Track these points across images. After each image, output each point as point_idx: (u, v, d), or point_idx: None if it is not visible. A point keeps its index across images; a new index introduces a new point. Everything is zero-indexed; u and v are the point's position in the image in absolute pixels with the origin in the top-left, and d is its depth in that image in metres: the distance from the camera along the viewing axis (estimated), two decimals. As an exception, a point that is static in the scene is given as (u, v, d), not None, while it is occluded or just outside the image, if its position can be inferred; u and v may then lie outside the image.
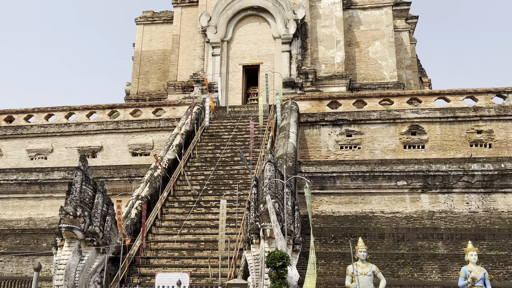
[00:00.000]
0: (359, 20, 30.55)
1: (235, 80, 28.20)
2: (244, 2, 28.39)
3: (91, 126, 24.46)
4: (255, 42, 28.44)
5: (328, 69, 28.83)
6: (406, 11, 33.43)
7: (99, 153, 24.16)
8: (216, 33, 28.32)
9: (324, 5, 30.01)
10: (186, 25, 31.98)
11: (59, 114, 25.47)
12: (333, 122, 22.17)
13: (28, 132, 24.88)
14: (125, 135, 24.21)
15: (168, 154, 20.55)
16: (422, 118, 21.48)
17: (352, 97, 23.52)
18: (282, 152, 18.92)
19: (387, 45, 29.58)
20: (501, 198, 17.91)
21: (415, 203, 18.33)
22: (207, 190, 18.63)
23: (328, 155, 21.90)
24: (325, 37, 29.42)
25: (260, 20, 28.64)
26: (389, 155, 21.23)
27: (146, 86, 33.22)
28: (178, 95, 29.93)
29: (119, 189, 20.45)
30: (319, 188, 18.90)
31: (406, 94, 22.89)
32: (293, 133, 20.57)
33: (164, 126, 23.96)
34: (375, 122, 21.90)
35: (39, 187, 21.41)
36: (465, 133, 21.06)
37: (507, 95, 21.53)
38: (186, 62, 31.11)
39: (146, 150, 23.79)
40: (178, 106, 25.20)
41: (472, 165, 18.03)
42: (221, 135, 22.88)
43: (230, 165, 20.25)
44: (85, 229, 12.96)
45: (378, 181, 18.55)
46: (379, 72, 29.39)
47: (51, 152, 24.54)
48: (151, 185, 18.41)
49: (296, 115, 22.16)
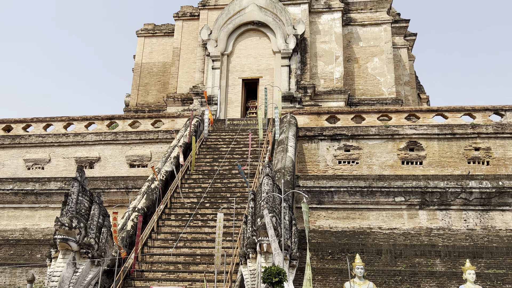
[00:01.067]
0: (358, 36, 30.88)
1: (234, 93, 28.33)
2: (245, 16, 28.70)
3: (89, 137, 24.44)
4: (255, 56, 28.66)
5: (327, 84, 29.01)
6: (404, 28, 33.82)
7: (96, 164, 24.08)
8: (217, 47, 28.56)
9: (323, 21, 30.35)
10: (186, 38, 32.25)
11: (57, 124, 25.46)
12: (331, 137, 22.21)
13: (26, 141, 24.82)
14: (123, 146, 24.18)
15: (166, 166, 20.50)
16: (420, 134, 21.54)
17: (350, 112, 23.62)
18: (280, 166, 18.90)
19: (385, 62, 29.84)
20: (499, 216, 17.86)
21: (413, 219, 18.26)
22: (204, 203, 18.54)
23: (326, 170, 21.89)
24: (324, 52, 29.68)
25: (260, 34, 28.92)
26: (387, 171, 21.22)
27: (145, 97, 33.32)
28: (177, 107, 30.00)
29: (116, 201, 20.34)
30: (316, 203, 18.83)
31: (404, 110, 23.01)
32: (292, 147, 20.59)
33: (163, 138, 23.95)
34: (373, 138, 21.96)
35: (35, 197, 21.27)
36: (463, 150, 21.11)
37: (505, 113, 21.65)
38: (186, 74, 31.28)
39: (144, 161, 23.74)
40: (177, 118, 25.24)
41: (470, 182, 18.03)
42: (219, 148, 22.88)
43: (228, 178, 20.19)
44: (80, 240, 12.84)
45: (376, 196, 18.50)
46: (378, 88, 29.58)
47: (49, 162, 24.46)
48: (148, 197, 18.31)
49: (294, 129, 22.22)
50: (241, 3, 29.04)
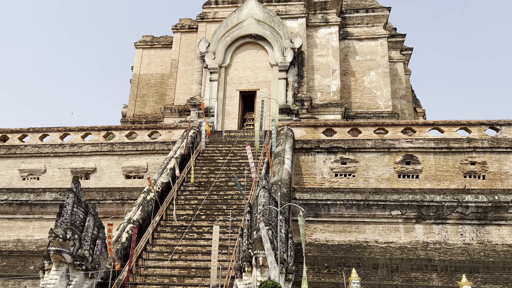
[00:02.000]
0: (355, 50, 31.19)
1: (231, 105, 28.42)
2: (243, 30, 28.96)
3: (86, 148, 24.37)
4: (253, 69, 28.86)
5: (323, 97, 29.19)
6: (401, 43, 34.23)
7: (92, 175, 23.96)
8: (214, 59, 28.74)
9: (321, 35, 30.68)
10: (184, 50, 32.46)
11: (54, 134, 25.39)
12: (328, 150, 22.25)
13: (21, 151, 24.71)
14: (120, 157, 24.10)
15: (162, 178, 20.41)
16: (417, 148, 21.62)
17: (347, 125, 23.72)
18: (276, 178, 18.87)
19: (382, 75, 30.11)
20: (495, 230, 17.85)
21: (409, 233, 18.21)
22: (200, 215, 18.43)
23: (323, 182, 21.87)
24: (321, 65, 29.93)
25: (258, 47, 29.15)
26: (384, 184, 21.23)
27: (143, 109, 33.36)
28: (174, 118, 30.05)
29: (111, 212, 20.20)
30: (313, 216, 18.76)
31: (400, 123, 23.13)
32: (288, 159, 20.59)
33: (159, 149, 23.91)
34: (369, 151, 22.01)
35: (29, 208, 21.09)
36: (459, 164, 21.19)
37: (500, 128, 21.81)
38: (183, 86, 31.40)
39: (140, 173, 23.65)
40: (174, 129, 25.24)
41: (466, 196, 18.05)
42: (216, 160, 22.84)
43: (224, 190, 20.13)
44: (74, 252, 12.71)
45: (373, 210, 18.47)
46: (374, 101, 29.78)
47: (44, 172, 24.32)
48: (143, 209, 18.19)
49: (291, 141, 22.25)
50: (239, 16, 29.34)
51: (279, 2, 31.02)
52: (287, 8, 30.74)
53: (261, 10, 29.33)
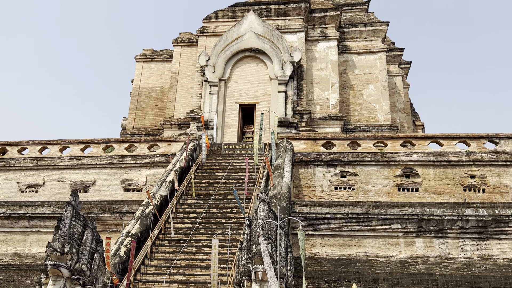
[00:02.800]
0: (353, 64, 31.43)
1: (231, 118, 28.51)
2: (243, 44, 29.22)
3: (85, 160, 24.33)
4: (252, 82, 29.03)
5: (323, 110, 29.30)
6: (399, 57, 34.52)
7: (91, 188, 23.88)
8: (214, 73, 28.93)
9: (320, 48, 30.95)
10: (185, 63, 32.69)
11: (53, 147, 25.37)
12: (327, 163, 22.23)
13: (20, 164, 24.66)
14: (119, 170, 24.05)
15: (161, 191, 20.34)
16: (416, 161, 21.62)
17: (346, 138, 23.75)
18: (276, 191, 18.81)
19: (381, 89, 30.27)
20: (496, 244, 17.73)
21: (410, 247, 18.09)
22: (199, 229, 18.31)
23: (323, 196, 21.80)
24: (320, 79, 30.12)
25: (258, 61, 29.38)
26: (383, 198, 21.16)
27: (142, 121, 33.44)
28: (174, 131, 30.10)
29: (110, 225, 20.06)
30: (313, 229, 18.65)
31: (399, 137, 23.17)
32: (288, 172, 20.55)
33: (159, 162, 23.88)
34: (369, 164, 22.00)
35: (27, 221, 20.94)
36: (458, 177, 21.16)
37: (499, 141, 21.85)
38: (183, 99, 31.54)
39: (139, 185, 23.57)
40: (174, 142, 25.25)
41: (466, 210, 17.98)
42: (215, 172, 22.80)
43: (223, 203, 20.04)
44: (72, 266, 12.58)
45: (373, 223, 18.37)
46: (373, 114, 29.88)
47: (43, 185, 24.23)
48: (142, 222, 18.08)
49: (291, 154, 22.24)
50: (239, 30, 29.63)
51: (279, 16, 31.38)
52: (286, 23, 31.08)
53: (261, 24, 29.64)
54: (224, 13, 32.02)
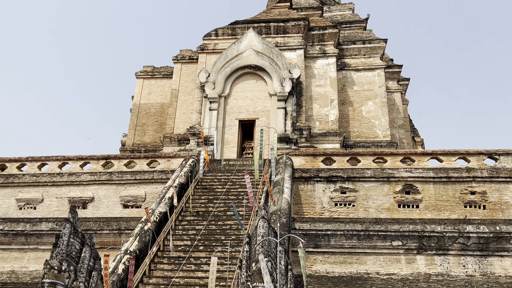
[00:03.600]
0: (352, 80, 31.68)
1: (231, 134, 28.57)
2: (242, 60, 29.50)
3: (84, 177, 24.26)
4: (252, 99, 29.19)
5: (322, 126, 29.39)
6: (397, 73, 34.81)
7: (90, 204, 23.75)
8: (214, 89, 29.12)
9: (318, 65, 31.24)
10: (185, 80, 32.94)
11: (52, 163, 25.33)
12: (327, 179, 22.18)
13: (19, 181, 24.58)
14: (118, 187, 23.97)
15: (160, 207, 20.23)
16: (416, 178, 21.58)
17: (346, 154, 23.75)
18: (276, 208, 18.71)
19: (379, 105, 30.43)
20: (498, 261, 17.56)
21: (411, 264, 17.90)
22: (198, 246, 18.15)
23: (323, 212, 21.68)
24: (319, 95, 30.30)
25: (257, 78, 29.61)
26: (384, 214, 21.05)
27: (142, 137, 33.50)
28: (173, 147, 30.11)
29: (108, 242, 19.89)
30: (313, 247, 18.48)
31: (399, 153, 23.17)
32: (288, 189, 20.48)
33: (158, 178, 23.83)
34: (369, 180, 21.95)
35: (25, 239, 20.75)
36: (458, 193, 21.09)
37: (499, 157, 21.85)
38: (183, 115, 31.67)
39: (138, 202, 23.46)
40: (173, 158, 25.24)
41: (467, 227, 17.87)
42: (214, 189, 22.72)
43: (223, 220, 19.91)
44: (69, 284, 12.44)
45: (373, 240, 18.23)
46: (373, 130, 29.97)
47: (41, 202, 24.10)
48: (140, 239, 17.93)
49: (290, 170, 22.21)
50: (239, 47, 29.95)
51: (278, 34, 31.76)
52: (286, 40, 31.44)
53: (260, 41, 29.98)
54: (224, 31, 32.41)
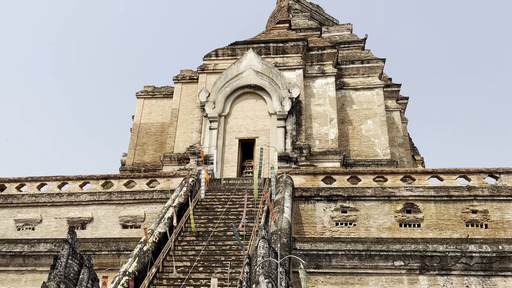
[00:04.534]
0: (351, 99, 31.90)
1: (230, 153, 28.59)
2: (242, 80, 29.77)
3: (83, 197, 24.14)
4: (252, 118, 29.34)
5: (322, 144, 29.43)
6: (396, 92, 35.08)
7: (89, 225, 23.56)
8: (214, 108, 29.30)
9: (318, 85, 31.51)
10: (185, 100, 33.18)
11: (52, 183, 25.24)
12: (328, 198, 22.07)
13: (18, 201, 24.45)
14: (117, 207, 23.83)
15: (159, 228, 20.07)
16: (417, 196, 21.47)
17: (346, 173, 23.69)
18: (276, 228, 18.55)
19: (379, 124, 30.55)
20: (502, 282, 17.31)
21: (413, 285, 17.64)
22: (198, 267, 17.92)
23: (324, 232, 21.49)
24: (319, 114, 30.46)
25: (257, 97, 29.83)
26: (385, 233, 20.85)
27: (142, 157, 33.50)
28: (173, 166, 30.07)
29: (107, 264, 19.66)
30: (314, 267, 18.25)
31: (399, 171, 23.12)
32: (288, 208, 20.35)
33: (157, 197, 23.71)
34: (370, 199, 21.83)
35: (22, 260, 20.51)
36: (460, 212, 20.94)
37: (499, 176, 21.79)
38: (183, 134, 31.76)
39: (138, 222, 23.28)
40: (173, 177, 25.17)
41: (469, 246, 17.68)
42: (214, 208, 22.58)
43: (223, 240, 19.71)
44: (66, 308, 12.23)
45: (375, 260, 18.01)
46: (372, 149, 29.99)
47: (40, 222, 23.92)
48: (139, 260, 17.71)
49: (291, 189, 22.12)
50: (239, 68, 30.27)
51: (277, 54, 32.15)
52: (285, 60, 31.80)
53: (260, 62, 30.33)
54: (224, 51, 32.83)
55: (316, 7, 45.35)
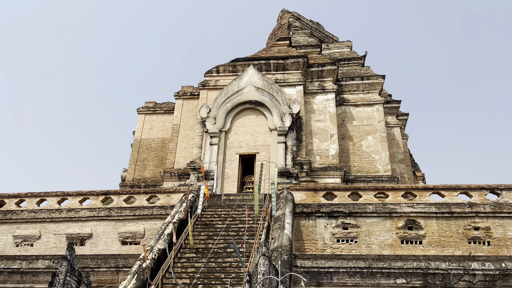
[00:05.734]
0: (351, 115, 32.01)
1: (231, 168, 28.53)
2: (243, 96, 29.94)
3: (83, 213, 24.01)
4: (252, 133, 29.39)
5: (322, 160, 29.40)
6: (396, 109, 35.21)
7: (88, 241, 23.37)
8: (215, 124, 29.38)
9: (318, 101, 31.67)
10: (186, 115, 33.31)
11: (51, 199, 25.14)
12: (329, 214, 21.92)
13: (17, 217, 24.31)
14: (117, 223, 23.67)
15: (159, 244, 19.89)
16: (418, 213, 21.33)
17: (347, 189, 23.60)
18: (277, 244, 18.38)
19: (379, 140, 30.57)
20: (506, 300, 17.05)
21: (416, 303, 17.36)
22: (197, 284, 17.68)
23: (325, 248, 21.28)
24: (319, 130, 30.52)
25: (257, 113, 29.94)
26: (387, 250, 20.64)
27: (142, 172, 33.43)
28: (174, 182, 29.99)
29: (106, 280, 19.43)
30: (315, 285, 18.00)
31: (401, 188, 23.03)
32: (289, 224, 20.20)
33: (157, 213, 23.57)
34: (371, 216, 21.68)
35: (20, 277, 20.27)
36: (462, 229, 20.77)
37: (501, 192, 21.69)
38: (184, 150, 31.77)
39: (137, 238, 23.08)
40: (173, 193, 25.07)
41: (472, 264, 17.47)
42: (214, 224, 22.42)
43: (223, 257, 19.51)
44: (64, 326, 12.04)
45: (377, 278, 17.78)
46: (373, 165, 29.94)
47: (39, 238, 23.73)
48: (138, 277, 17.50)
49: (291, 205, 22.00)
50: (239, 84, 30.48)
51: (278, 71, 32.43)
52: (285, 76, 32.04)
53: (260, 78, 30.56)
54: (225, 68, 33.11)
55: (316, 24, 45.94)
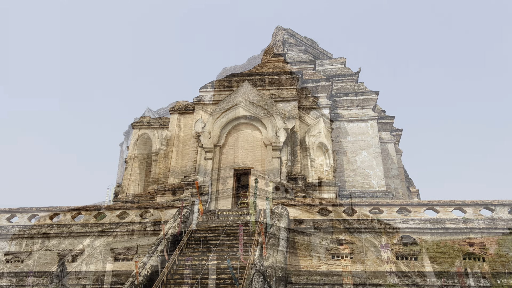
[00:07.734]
0: (346, 131, 32.18)
1: (225, 183, 28.38)
2: (238, 111, 30.01)
3: (75, 228, 23.69)
4: (247, 148, 29.37)
5: (317, 175, 29.38)
6: (390, 124, 35.48)
7: (80, 257, 22.97)
8: (210, 139, 29.35)
9: (312, 116, 31.81)
10: (181, 130, 33.25)
11: (43, 214, 24.81)
12: (324, 230, 21.80)
13: (8, 233, 23.93)
14: (109, 238, 23.35)
15: (152, 260, 19.61)
16: (413, 229, 21.29)
17: (342, 205, 23.53)
18: (271, 261, 18.20)
19: (373, 155, 30.70)
20: (502, 317, 16.92)
21: (412, 321, 17.18)
22: (191, 302, 17.40)
23: (320, 265, 21.07)
24: (313, 145, 30.55)
25: (252, 128, 29.99)
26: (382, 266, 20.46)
27: (136, 187, 33.16)
28: (167, 197, 29.75)
29: (96, 298, 19.05)
30: (310, 302, 17.78)
31: (395, 203, 23.02)
32: (283, 240, 20.05)
33: (150, 229, 23.31)
34: (366, 231, 21.59)
35: (9, 294, 19.86)
36: (457, 245, 20.72)
37: (495, 208, 21.74)
38: (178, 165, 31.58)
39: (129, 254, 22.74)
40: (166, 208, 24.84)
41: (468, 280, 17.40)
42: (208, 240, 22.18)
43: (216, 274, 19.23)
44: None
45: (372, 295, 17.60)
46: (368, 180, 29.99)
47: (29, 254, 23.32)
48: (131, 295, 17.18)
49: (286, 220, 21.87)
50: (235, 99, 30.59)
51: (272, 86, 32.65)
52: (280, 92, 32.25)
53: (255, 93, 30.70)
54: (220, 83, 33.27)
55: (310, 41, 46.51)
